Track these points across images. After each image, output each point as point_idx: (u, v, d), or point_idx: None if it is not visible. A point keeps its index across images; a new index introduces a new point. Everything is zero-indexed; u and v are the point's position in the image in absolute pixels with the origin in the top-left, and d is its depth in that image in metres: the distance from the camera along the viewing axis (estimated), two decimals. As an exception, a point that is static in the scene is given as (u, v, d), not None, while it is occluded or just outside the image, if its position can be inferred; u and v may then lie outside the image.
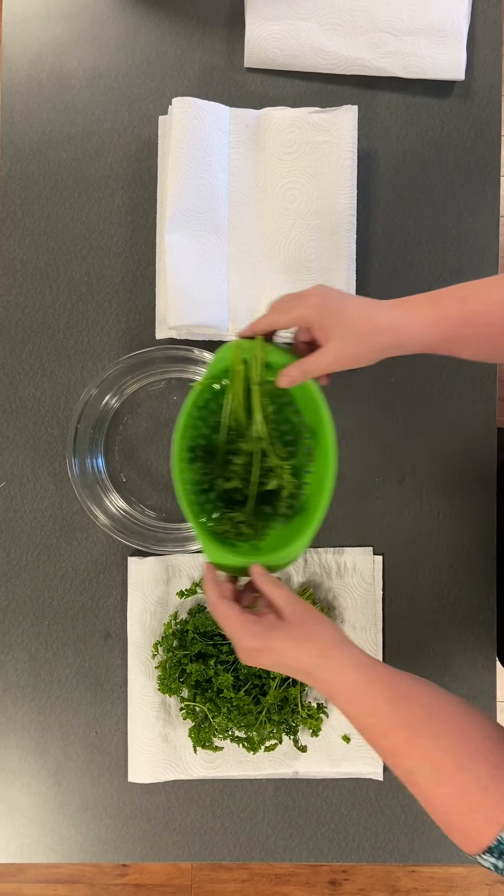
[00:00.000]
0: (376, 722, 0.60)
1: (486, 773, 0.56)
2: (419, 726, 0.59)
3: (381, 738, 0.60)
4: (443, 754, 0.57)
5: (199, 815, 0.92)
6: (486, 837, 0.55)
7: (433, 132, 0.95)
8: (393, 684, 0.62)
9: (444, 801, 0.57)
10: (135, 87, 0.94)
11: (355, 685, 0.61)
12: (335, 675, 0.62)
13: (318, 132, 0.91)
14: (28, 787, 0.92)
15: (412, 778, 0.58)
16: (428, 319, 0.64)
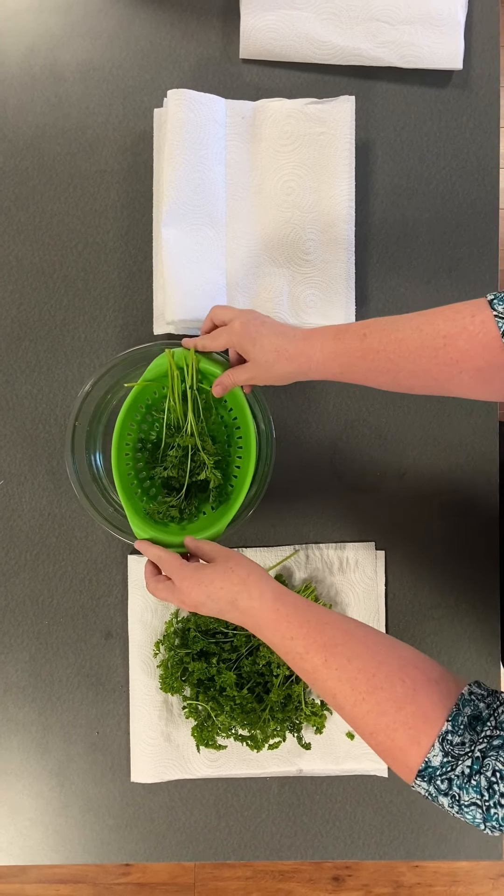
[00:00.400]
0: (293, 644, 0.65)
1: (401, 693, 0.60)
2: (334, 647, 0.63)
3: (300, 660, 0.64)
4: (358, 674, 0.61)
5: (202, 815, 0.91)
6: (413, 759, 0.58)
7: (431, 122, 0.94)
8: (309, 610, 0.67)
9: (365, 720, 0.61)
10: (129, 80, 0.93)
11: (273, 610, 0.67)
12: (255, 602, 0.68)
13: (316, 123, 0.90)
14: (30, 788, 0.91)
15: (336, 700, 0.63)
16: (329, 353, 0.71)
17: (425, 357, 0.66)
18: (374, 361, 0.69)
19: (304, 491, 0.93)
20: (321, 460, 0.93)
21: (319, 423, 0.93)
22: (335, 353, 0.70)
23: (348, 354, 0.70)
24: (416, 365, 0.66)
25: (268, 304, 0.90)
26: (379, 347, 0.68)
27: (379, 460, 0.93)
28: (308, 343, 0.72)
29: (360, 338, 0.69)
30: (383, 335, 0.68)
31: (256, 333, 0.74)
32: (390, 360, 0.68)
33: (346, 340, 0.70)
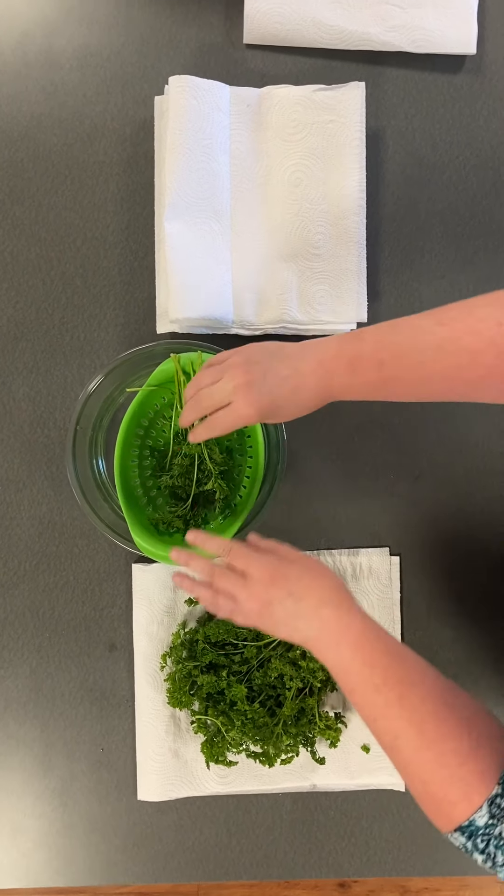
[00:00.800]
0: (372, 674, 0.60)
1: (467, 747, 0.56)
2: (411, 686, 0.59)
3: (373, 691, 0.60)
4: (429, 718, 0.58)
5: (212, 833, 0.88)
6: (459, 813, 0.55)
7: (444, 110, 0.90)
8: (390, 639, 0.63)
9: (423, 767, 0.57)
10: (128, 67, 0.89)
11: (362, 630, 0.62)
12: (344, 614, 0.63)
13: (324, 111, 0.86)
14: (33, 808, 0.87)
15: (396, 742, 0.59)
16: (344, 386, 0.65)
17: (450, 377, 0.61)
18: (394, 388, 0.64)
19: (315, 495, 0.90)
20: (332, 463, 0.90)
21: (330, 425, 0.90)
22: (351, 386, 0.65)
23: (367, 386, 0.64)
24: (440, 385, 0.62)
25: (276, 300, 0.87)
26: (399, 374, 0.62)
27: (392, 463, 0.90)
28: (320, 379, 0.65)
29: (378, 367, 0.63)
30: (403, 360, 0.62)
31: (263, 373, 0.66)
32: (411, 384, 0.63)
33: (362, 373, 0.64)
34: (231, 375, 0.67)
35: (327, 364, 0.65)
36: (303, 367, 0.65)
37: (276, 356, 0.67)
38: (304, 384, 0.65)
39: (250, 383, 0.66)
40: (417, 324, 0.62)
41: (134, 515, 0.80)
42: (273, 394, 0.65)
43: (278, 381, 0.65)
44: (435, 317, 0.61)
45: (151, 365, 0.85)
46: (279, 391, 0.65)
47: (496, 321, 0.58)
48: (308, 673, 0.82)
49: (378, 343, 0.63)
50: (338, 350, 0.65)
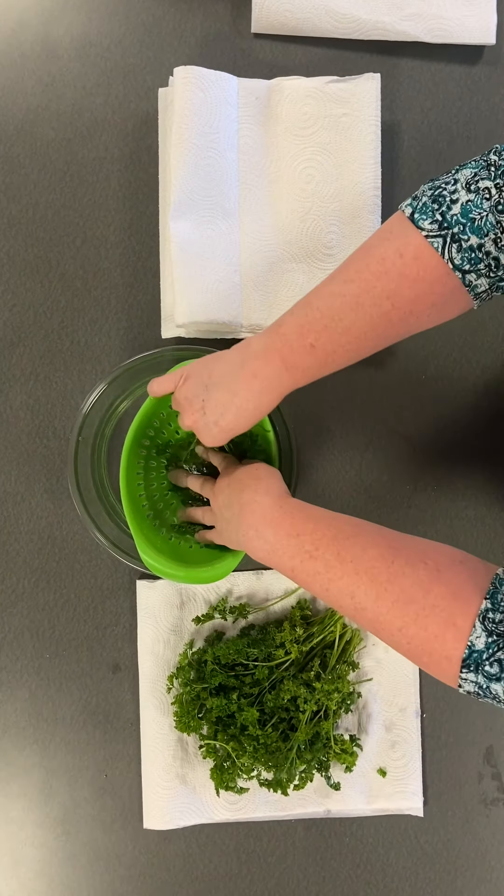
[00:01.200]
0: (300, 542, 0.60)
1: (425, 576, 0.54)
2: (345, 539, 0.58)
3: (309, 559, 0.59)
4: (376, 563, 0.56)
5: (222, 862, 0.84)
6: (452, 646, 0.52)
7: (461, 102, 0.86)
8: (316, 509, 0.63)
9: (391, 614, 0.55)
10: (130, 57, 0.84)
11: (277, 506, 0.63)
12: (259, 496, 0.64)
13: (337, 104, 0.82)
14: (33, 838, 0.83)
15: (354, 600, 0.57)
16: (287, 384, 0.64)
17: (381, 327, 0.59)
18: (333, 363, 0.63)
19: (329, 505, 0.84)
20: (346, 474, 0.86)
21: (344, 433, 0.85)
22: (294, 378, 0.63)
23: (308, 372, 0.63)
24: (374, 340, 0.61)
25: (287, 303, 0.82)
26: (332, 348, 0.61)
27: (410, 472, 0.86)
28: (260, 391, 0.64)
29: (310, 352, 0.61)
30: (330, 335, 0.60)
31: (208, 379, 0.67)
32: (349, 350, 0.61)
33: (298, 364, 0.62)
34: (182, 413, 0.68)
35: (261, 372, 0.63)
36: (237, 387, 0.64)
37: (210, 386, 0.65)
38: (243, 403, 0.64)
39: (195, 423, 0.66)
40: (327, 291, 0.61)
41: (140, 531, 0.76)
42: (219, 424, 0.65)
43: (217, 409, 0.65)
44: (341, 276, 0.60)
45: (156, 372, 0.81)
46: (223, 419, 0.65)
47: (395, 253, 0.57)
48: (323, 695, 0.78)
49: (300, 329, 0.61)
50: (265, 353, 0.63)
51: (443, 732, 0.85)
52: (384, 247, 0.58)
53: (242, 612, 0.83)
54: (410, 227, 0.56)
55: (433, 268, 0.56)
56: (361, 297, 0.58)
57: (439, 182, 0.57)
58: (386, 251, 0.57)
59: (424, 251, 0.56)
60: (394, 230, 0.58)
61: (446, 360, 0.86)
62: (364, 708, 0.84)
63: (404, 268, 0.56)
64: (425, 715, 0.85)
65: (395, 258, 0.57)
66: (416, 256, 0.56)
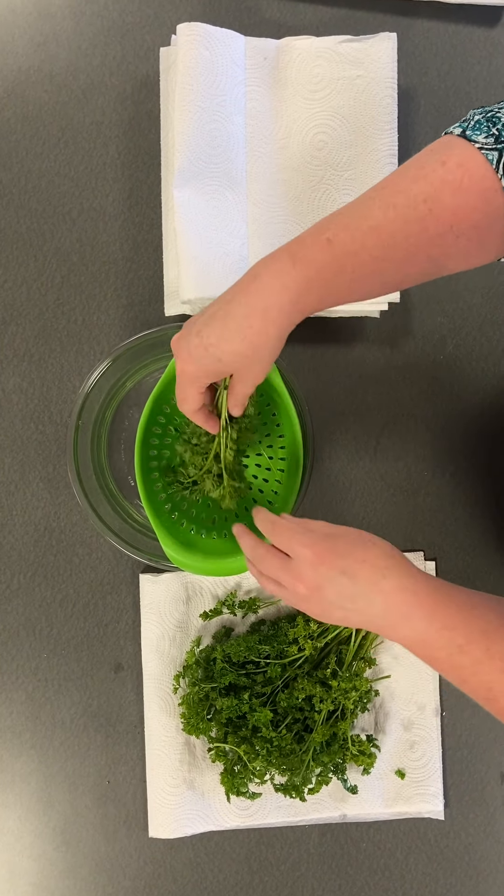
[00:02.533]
0: (452, 636, 0.54)
1: None
2: (494, 633, 0.54)
3: (457, 653, 0.54)
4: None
5: (233, 871, 0.79)
6: None
7: (480, 66, 0.82)
8: (461, 590, 0.57)
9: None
10: (128, 15, 0.79)
11: (431, 590, 0.55)
12: (407, 581, 0.55)
13: (351, 65, 0.77)
14: (31, 848, 0.78)
15: (491, 694, 0.54)
16: (295, 289, 0.53)
17: (413, 235, 0.51)
18: (354, 268, 0.53)
19: (343, 494, 0.81)
20: (361, 460, 0.81)
21: (358, 417, 0.81)
22: (306, 278, 0.53)
23: (320, 277, 0.53)
24: (405, 250, 0.52)
25: (297, 278, 0.77)
26: (354, 248, 0.52)
27: (427, 459, 0.81)
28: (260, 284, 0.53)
29: (326, 247, 0.52)
30: (354, 232, 0.52)
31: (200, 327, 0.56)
32: (373, 257, 0.52)
33: (310, 259, 0.53)
34: (176, 357, 0.59)
35: (263, 271, 0.54)
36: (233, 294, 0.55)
37: (208, 310, 0.56)
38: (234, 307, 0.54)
39: (190, 352, 0.56)
40: (357, 201, 0.54)
41: (160, 522, 0.70)
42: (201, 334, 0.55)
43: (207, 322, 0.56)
44: (374, 188, 0.54)
45: (161, 351, 0.76)
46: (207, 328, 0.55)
47: (437, 161, 0.51)
48: (340, 693, 0.74)
49: (317, 228, 0.54)
50: (272, 255, 0.54)
51: (464, 731, 0.81)
52: (423, 158, 0.52)
53: (252, 606, 0.78)
54: (453, 142, 0.51)
55: (480, 178, 0.50)
56: (395, 198, 0.52)
57: (491, 107, 0.52)
58: (425, 161, 0.51)
59: (470, 160, 0.50)
60: (435, 147, 0.52)
61: (465, 339, 0.81)
62: (381, 707, 0.80)
63: (446, 174, 0.50)
64: (445, 713, 0.81)
65: (436, 165, 0.51)
66: (459, 164, 0.50)
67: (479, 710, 0.80)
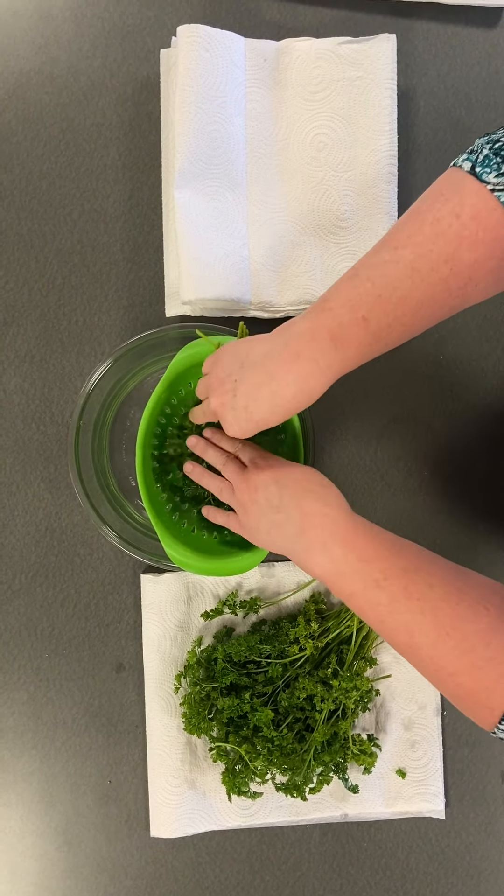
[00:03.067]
0: (370, 569, 0.55)
1: (486, 626, 0.52)
2: (416, 573, 0.55)
3: (374, 587, 0.55)
4: (441, 603, 0.53)
5: (234, 871, 0.79)
6: (498, 700, 0.50)
7: (479, 67, 0.82)
8: (382, 531, 0.58)
9: (447, 658, 0.53)
10: (129, 17, 0.79)
11: (350, 522, 0.57)
12: (330, 508, 0.58)
13: (351, 66, 0.77)
14: (33, 848, 0.78)
15: (412, 639, 0.54)
16: (337, 366, 0.56)
17: (438, 297, 0.54)
18: (387, 337, 0.56)
19: (343, 493, 0.81)
20: (362, 459, 0.81)
21: (359, 417, 0.81)
22: (345, 360, 0.56)
23: (361, 349, 0.56)
24: (431, 310, 0.55)
25: (298, 278, 0.78)
26: (388, 322, 0.55)
27: (427, 458, 0.81)
28: (303, 373, 0.56)
29: (364, 326, 0.55)
30: (385, 306, 0.54)
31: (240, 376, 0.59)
32: (404, 324, 0.55)
33: (351, 341, 0.55)
34: (210, 395, 0.61)
35: (306, 351, 0.56)
36: (277, 368, 0.56)
37: (245, 364, 0.58)
38: (281, 386, 0.56)
39: (224, 405, 0.59)
40: (376, 260, 0.55)
41: (161, 523, 0.71)
42: (249, 409, 0.58)
43: (251, 392, 0.57)
44: (390, 244, 0.55)
45: (161, 351, 0.76)
46: (255, 405, 0.57)
47: (451, 214, 0.52)
48: (340, 693, 0.74)
49: (349, 302, 0.55)
50: (311, 332, 0.56)
51: (464, 730, 0.81)
52: (437, 208, 0.53)
53: (253, 606, 0.78)
54: (464, 185, 0.52)
55: (493, 227, 0.51)
56: (417, 263, 0.53)
57: (497, 136, 0.53)
58: (440, 212, 0.52)
59: (482, 210, 0.51)
60: (444, 191, 0.53)
61: (465, 339, 0.81)
62: (382, 706, 0.80)
63: (462, 229, 0.52)
64: (446, 712, 0.81)
65: (452, 219, 0.52)
66: (473, 216, 0.51)
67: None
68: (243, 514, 0.63)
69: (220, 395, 0.59)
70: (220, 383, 0.59)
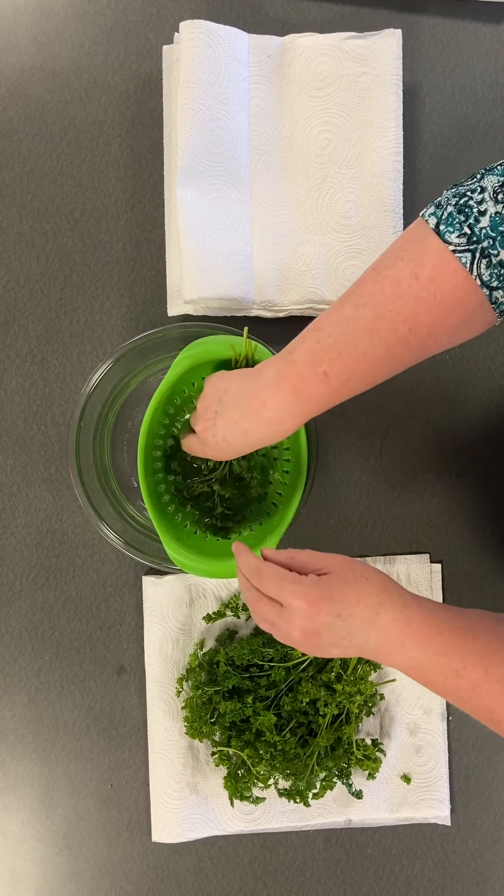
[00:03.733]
0: (449, 660, 0.54)
1: None
2: (491, 656, 0.54)
3: (456, 677, 0.54)
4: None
5: (237, 877, 0.78)
6: None
7: (486, 63, 0.81)
8: (455, 613, 0.57)
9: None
10: (131, 13, 0.79)
11: (424, 616, 0.56)
12: (400, 614, 0.56)
13: (356, 62, 0.76)
14: (34, 853, 0.78)
15: (493, 716, 0.54)
16: (299, 417, 0.60)
17: (398, 353, 0.56)
18: (349, 390, 0.59)
19: (347, 496, 0.80)
20: (366, 461, 0.80)
21: (363, 419, 0.80)
22: (308, 409, 0.60)
23: (323, 400, 0.59)
24: (391, 365, 0.57)
25: (301, 277, 0.77)
26: (348, 377, 0.57)
27: (433, 460, 0.80)
28: (271, 420, 0.60)
29: (325, 381, 0.58)
30: (345, 362, 0.57)
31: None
32: (365, 378, 0.58)
33: (312, 394, 0.58)
34: (196, 422, 0.67)
35: (271, 402, 0.60)
36: (247, 412, 0.61)
37: (223, 401, 0.63)
38: (251, 428, 0.61)
39: (206, 431, 0.64)
40: (339, 316, 0.57)
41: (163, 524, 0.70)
42: (227, 440, 0.63)
43: (228, 427, 0.63)
44: (352, 300, 0.56)
45: (163, 352, 0.75)
46: (231, 437, 0.63)
47: (411, 274, 0.53)
48: (344, 697, 0.73)
49: (312, 356, 0.58)
50: (276, 382, 0.59)
51: (470, 735, 0.80)
52: (398, 267, 0.54)
53: (256, 609, 0.77)
54: (426, 243, 0.52)
55: (451, 290, 0.52)
56: (377, 323, 0.54)
57: (464, 189, 0.53)
58: (400, 272, 0.53)
59: (442, 271, 0.52)
60: (407, 247, 0.54)
61: (470, 340, 0.80)
62: (386, 711, 0.79)
63: (420, 290, 0.52)
64: (451, 717, 0.80)
65: (411, 280, 0.53)
66: (431, 278, 0.52)
67: (486, 715, 0.79)
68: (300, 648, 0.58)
69: (203, 422, 0.65)
70: (204, 411, 0.65)
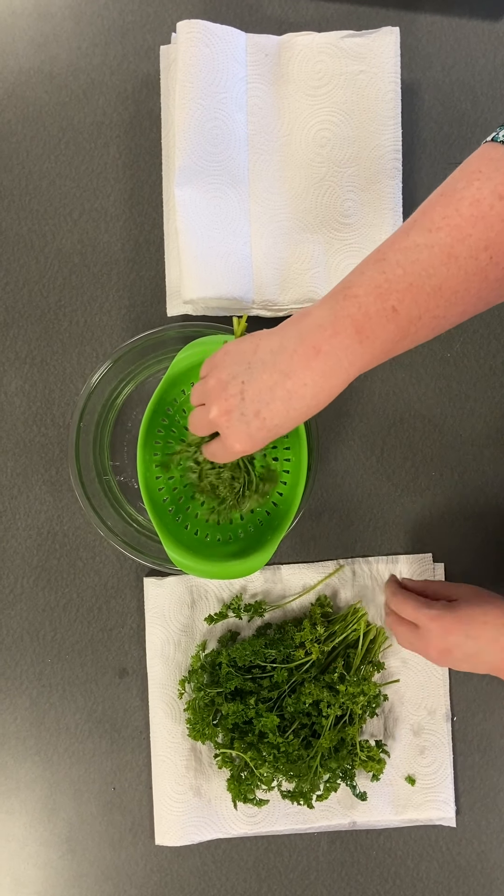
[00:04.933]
0: None
1: None
2: None
3: None
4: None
5: (241, 880, 0.78)
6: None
7: (485, 60, 0.80)
8: None
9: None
10: (128, 14, 0.78)
11: None
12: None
13: (354, 60, 0.76)
14: (36, 857, 0.77)
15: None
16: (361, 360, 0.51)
17: (474, 287, 0.49)
18: (416, 332, 0.51)
19: (348, 495, 0.80)
20: (367, 460, 0.80)
21: (364, 417, 0.80)
22: (367, 355, 0.51)
23: (386, 345, 0.51)
24: (465, 304, 0.50)
25: (301, 276, 0.76)
26: (418, 313, 0.50)
27: (435, 458, 0.80)
28: (323, 370, 0.51)
29: (392, 317, 0.49)
30: (417, 295, 0.49)
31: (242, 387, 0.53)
32: (436, 317, 0.50)
33: (376, 333, 0.50)
34: (210, 402, 0.55)
35: (327, 346, 0.50)
36: (292, 366, 0.51)
37: (253, 364, 0.52)
38: (298, 386, 0.51)
39: (230, 412, 0.53)
40: (407, 245, 0.49)
41: (163, 526, 0.70)
42: (261, 414, 0.52)
43: (263, 395, 0.52)
44: (423, 225, 0.49)
45: (162, 352, 0.75)
46: (269, 409, 0.52)
47: (493, 194, 0.47)
48: (347, 698, 0.72)
49: (377, 289, 0.49)
50: (333, 323, 0.50)
51: (475, 736, 0.79)
52: (475, 187, 0.47)
53: (258, 610, 0.77)
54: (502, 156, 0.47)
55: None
56: (455, 248, 0.47)
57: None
58: (479, 192, 0.47)
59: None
60: (483, 168, 0.48)
61: (473, 336, 0.80)
62: (390, 711, 0.79)
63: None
64: (456, 718, 0.79)
65: (494, 200, 0.47)
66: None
67: (491, 715, 0.79)
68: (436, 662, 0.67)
69: (223, 400, 0.53)
70: (223, 387, 0.53)
